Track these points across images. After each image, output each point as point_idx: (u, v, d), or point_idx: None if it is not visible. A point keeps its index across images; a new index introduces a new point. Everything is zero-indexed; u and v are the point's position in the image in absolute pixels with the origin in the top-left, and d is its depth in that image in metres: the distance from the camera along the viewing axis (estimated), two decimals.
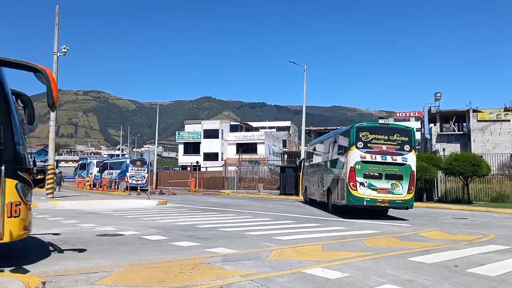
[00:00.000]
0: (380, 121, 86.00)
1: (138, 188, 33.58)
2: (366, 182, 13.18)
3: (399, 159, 13.36)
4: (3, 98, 5.69)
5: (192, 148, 63.87)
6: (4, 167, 5.46)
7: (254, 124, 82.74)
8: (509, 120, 53.06)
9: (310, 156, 21.31)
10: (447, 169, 22.20)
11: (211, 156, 61.17)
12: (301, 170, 24.27)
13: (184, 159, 62.27)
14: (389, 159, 13.32)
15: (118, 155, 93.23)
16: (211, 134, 63.11)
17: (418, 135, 70.31)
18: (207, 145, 62.70)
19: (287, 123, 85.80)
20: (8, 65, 5.77)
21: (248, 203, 21.09)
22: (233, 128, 67.20)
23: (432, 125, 58.15)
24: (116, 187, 35.26)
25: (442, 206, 20.39)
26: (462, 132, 56.61)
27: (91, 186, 41.18)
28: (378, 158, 13.30)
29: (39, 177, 6.12)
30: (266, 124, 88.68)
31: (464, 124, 57.07)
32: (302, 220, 12.94)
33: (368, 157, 13.26)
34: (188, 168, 48.57)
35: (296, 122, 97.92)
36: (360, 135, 13.45)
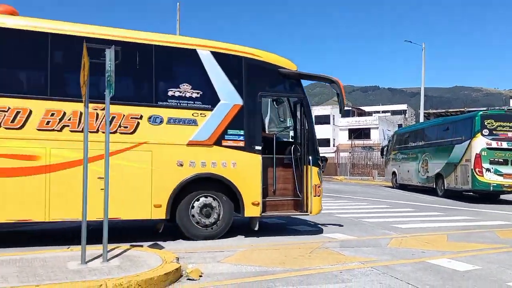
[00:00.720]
0: None
1: None
2: (492, 168, 13.70)
3: None
4: (307, 106, 7.22)
5: None
6: (311, 158, 7.11)
7: (367, 109, 79.98)
8: None
9: (403, 142, 20.91)
10: None
11: (323, 142, 60.59)
12: (386, 157, 23.31)
13: None
14: None
15: None
16: (322, 120, 62.43)
17: None
18: (318, 131, 62.04)
19: (402, 107, 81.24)
20: (309, 78, 7.43)
21: (362, 190, 20.62)
22: (345, 113, 65.81)
23: None
24: None
25: None
26: None
27: None
28: (504, 145, 13.84)
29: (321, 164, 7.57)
30: (379, 108, 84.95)
31: None
32: (419, 207, 12.28)
33: (494, 144, 13.79)
34: None
35: (413, 105, 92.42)
36: (485, 123, 13.96)
